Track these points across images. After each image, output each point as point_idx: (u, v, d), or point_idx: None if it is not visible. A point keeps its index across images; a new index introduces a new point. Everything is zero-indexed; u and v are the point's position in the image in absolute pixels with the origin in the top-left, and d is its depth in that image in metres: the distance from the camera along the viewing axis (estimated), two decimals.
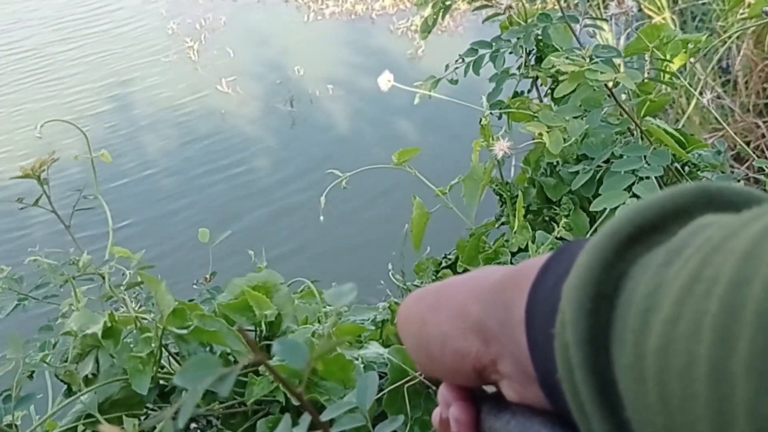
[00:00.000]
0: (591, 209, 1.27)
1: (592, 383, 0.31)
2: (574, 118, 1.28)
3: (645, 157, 1.23)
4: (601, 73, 1.19)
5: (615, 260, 0.32)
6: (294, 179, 4.37)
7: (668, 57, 1.47)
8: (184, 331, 0.98)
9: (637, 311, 0.30)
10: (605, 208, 1.23)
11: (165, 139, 4.96)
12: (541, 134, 1.29)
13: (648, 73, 1.58)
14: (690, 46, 1.50)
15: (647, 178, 1.21)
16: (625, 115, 1.32)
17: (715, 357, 0.26)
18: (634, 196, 1.20)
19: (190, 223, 3.94)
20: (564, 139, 1.27)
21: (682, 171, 1.39)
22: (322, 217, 1.57)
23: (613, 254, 0.32)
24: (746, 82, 4.02)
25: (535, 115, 1.43)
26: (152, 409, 1.15)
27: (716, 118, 3.06)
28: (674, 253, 0.30)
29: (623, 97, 1.35)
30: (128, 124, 5.17)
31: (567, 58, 1.25)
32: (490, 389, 0.44)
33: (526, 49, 1.57)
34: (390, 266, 1.83)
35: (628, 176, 1.23)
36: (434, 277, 1.55)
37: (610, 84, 1.22)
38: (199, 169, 4.59)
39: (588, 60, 1.21)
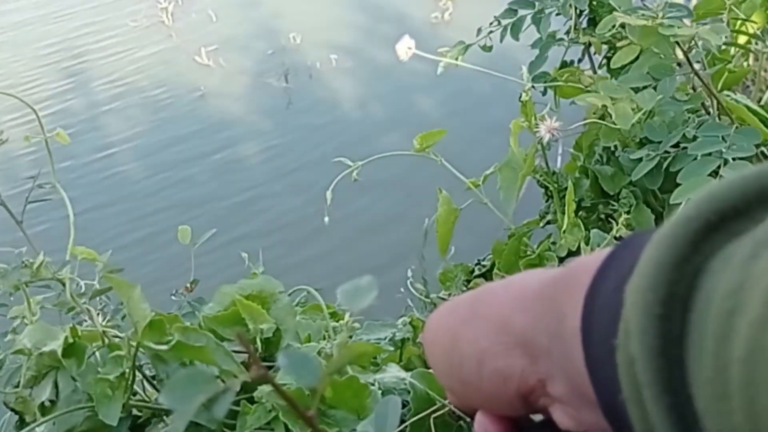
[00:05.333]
0: (672, 201, 1.24)
1: (665, 403, 0.32)
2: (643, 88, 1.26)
3: (725, 137, 1.22)
4: (679, 27, 1.18)
5: (690, 254, 0.32)
6: (290, 170, 4.37)
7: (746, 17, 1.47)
8: (164, 347, 0.99)
9: (718, 314, 0.30)
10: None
11: (131, 121, 4.97)
12: (604, 106, 1.26)
13: (727, 38, 1.58)
14: None
15: (734, 160, 1.20)
16: (698, 89, 1.32)
17: None
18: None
19: (164, 226, 3.95)
20: (634, 111, 1.24)
21: None
22: (327, 218, 1.57)
23: (687, 246, 0.33)
24: None
25: (588, 89, 1.44)
26: None
27: None
28: (762, 243, 0.30)
29: (696, 67, 1.35)
30: (87, 102, 5.19)
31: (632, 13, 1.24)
32: (537, 417, 0.45)
33: (576, 9, 1.57)
34: (410, 274, 1.83)
35: (709, 159, 1.21)
36: (465, 288, 1.55)
37: (686, 46, 1.21)
38: (174, 157, 4.60)
39: (661, 15, 1.20)
